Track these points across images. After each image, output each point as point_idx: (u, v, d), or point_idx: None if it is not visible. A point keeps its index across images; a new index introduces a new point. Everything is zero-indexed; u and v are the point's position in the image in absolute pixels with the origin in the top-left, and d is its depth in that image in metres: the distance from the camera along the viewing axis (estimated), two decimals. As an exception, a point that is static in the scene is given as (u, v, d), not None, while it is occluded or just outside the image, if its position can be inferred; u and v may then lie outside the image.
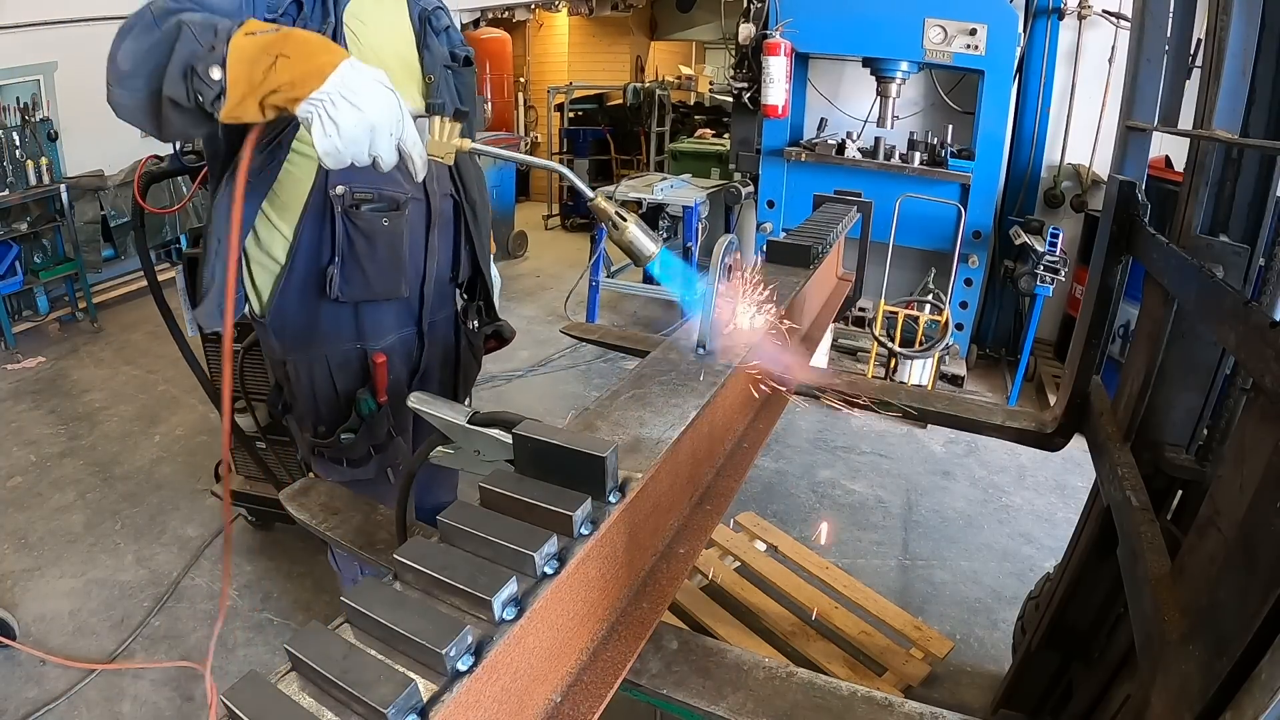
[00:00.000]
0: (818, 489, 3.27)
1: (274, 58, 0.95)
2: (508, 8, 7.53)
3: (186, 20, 0.99)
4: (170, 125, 1.04)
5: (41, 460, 3.38)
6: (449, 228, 1.55)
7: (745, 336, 1.24)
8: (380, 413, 1.51)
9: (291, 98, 0.96)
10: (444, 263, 1.56)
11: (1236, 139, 1.25)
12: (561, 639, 0.71)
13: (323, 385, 1.50)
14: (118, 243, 5.07)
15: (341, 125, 0.96)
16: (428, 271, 1.51)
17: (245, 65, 0.95)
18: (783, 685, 0.81)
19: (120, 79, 1.01)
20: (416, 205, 1.45)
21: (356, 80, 0.97)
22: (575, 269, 5.53)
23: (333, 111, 0.96)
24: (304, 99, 0.96)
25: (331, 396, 1.51)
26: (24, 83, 4.66)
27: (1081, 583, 1.63)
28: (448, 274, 1.59)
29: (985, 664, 2.32)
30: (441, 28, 1.52)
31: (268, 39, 0.97)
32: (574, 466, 0.75)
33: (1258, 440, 0.83)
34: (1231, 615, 0.75)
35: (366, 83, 0.97)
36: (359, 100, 0.96)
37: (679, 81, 8.88)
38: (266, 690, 0.53)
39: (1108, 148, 3.84)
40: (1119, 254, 1.51)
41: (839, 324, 4.15)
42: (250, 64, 0.95)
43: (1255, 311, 0.85)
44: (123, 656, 2.28)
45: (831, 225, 2.02)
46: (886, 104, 4.08)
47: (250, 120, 0.99)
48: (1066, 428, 1.67)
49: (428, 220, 1.48)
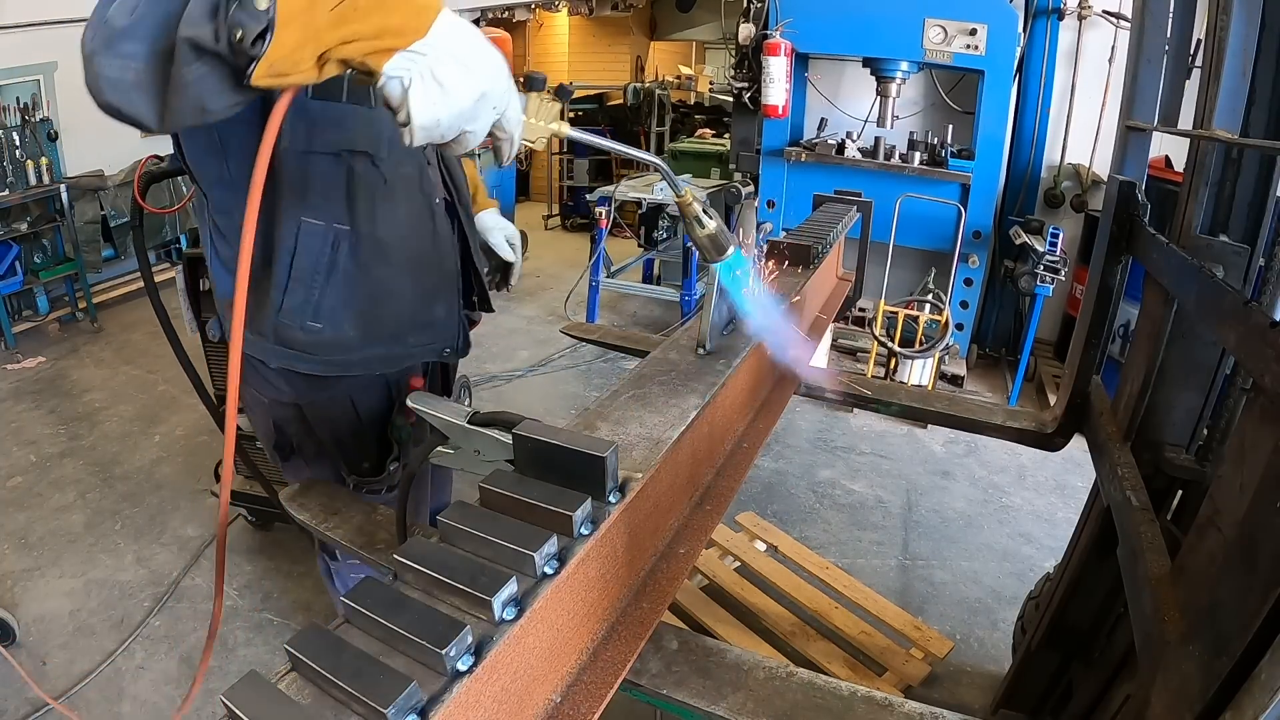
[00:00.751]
0: (818, 489, 3.27)
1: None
2: (508, 8, 7.53)
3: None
4: (179, 97, 0.74)
5: (41, 460, 3.38)
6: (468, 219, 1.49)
7: None
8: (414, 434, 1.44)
9: (382, 48, 0.72)
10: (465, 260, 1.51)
11: (1236, 139, 1.25)
12: (561, 639, 0.71)
13: (345, 418, 1.39)
14: (118, 243, 5.07)
15: (450, 89, 0.75)
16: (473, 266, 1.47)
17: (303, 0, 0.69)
18: (783, 685, 0.81)
19: (111, 40, 0.73)
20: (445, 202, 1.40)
21: (466, 33, 0.76)
22: (575, 269, 5.53)
23: (439, 71, 0.74)
24: (400, 50, 0.73)
25: (355, 426, 1.40)
26: (24, 83, 4.67)
27: (1081, 583, 1.63)
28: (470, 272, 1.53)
29: (985, 664, 2.32)
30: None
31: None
32: (574, 466, 0.75)
33: (1258, 440, 0.83)
34: (1231, 615, 0.75)
35: (476, 37, 0.77)
36: (470, 59, 0.76)
37: (679, 81, 8.88)
38: (266, 690, 0.53)
39: (1108, 148, 3.83)
40: (1119, 254, 1.51)
41: (839, 324, 4.14)
42: None
43: (1255, 311, 0.85)
44: (123, 656, 2.28)
45: (831, 225, 2.02)
46: (886, 104, 4.08)
47: (298, 82, 0.74)
48: (1066, 428, 1.67)
49: (453, 216, 1.42)
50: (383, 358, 1.37)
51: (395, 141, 1.17)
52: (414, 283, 1.34)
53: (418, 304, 1.36)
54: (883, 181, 4.07)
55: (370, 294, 1.29)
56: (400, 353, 1.39)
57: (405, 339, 1.38)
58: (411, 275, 1.33)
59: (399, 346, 1.38)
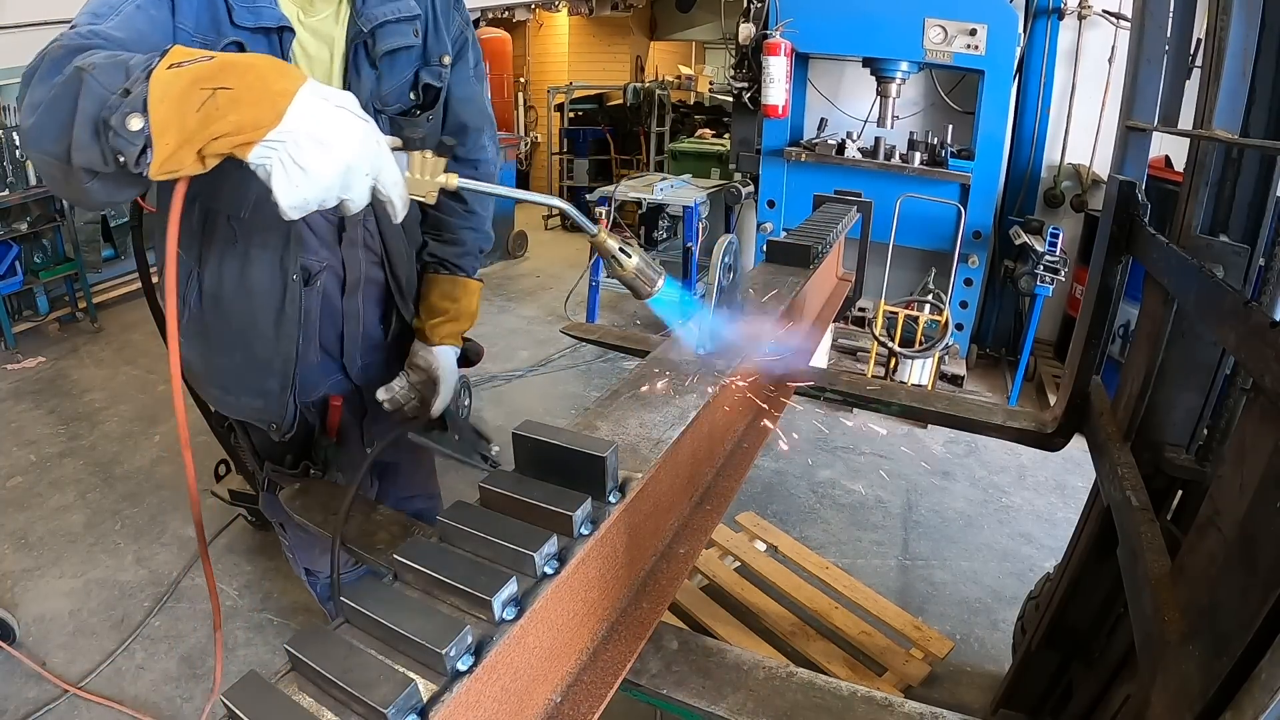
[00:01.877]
0: (818, 489, 3.27)
1: (211, 92, 0.75)
2: (508, 8, 7.52)
3: (86, 64, 0.78)
4: (92, 195, 0.83)
5: (41, 460, 3.38)
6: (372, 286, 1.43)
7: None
8: (340, 449, 1.49)
9: (241, 142, 0.77)
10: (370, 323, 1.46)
11: (1236, 139, 1.25)
12: (561, 639, 0.71)
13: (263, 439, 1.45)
14: (118, 243, 5.07)
15: (310, 171, 0.79)
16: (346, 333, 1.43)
17: (174, 105, 0.75)
18: (783, 685, 0.81)
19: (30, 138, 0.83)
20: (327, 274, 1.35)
21: (321, 111, 0.79)
22: (575, 269, 5.53)
23: (298, 155, 0.78)
24: (258, 142, 0.77)
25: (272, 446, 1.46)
26: (24, 83, 4.67)
27: (1081, 583, 1.63)
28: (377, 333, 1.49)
29: (985, 664, 2.32)
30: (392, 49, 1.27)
31: (199, 69, 0.76)
32: (574, 466, 0.75)
33: (1258, 440, 0.83)
34: (1231, 615, 0.75)
35: (333, 113, 0.80)
36: (329, 136, 0.79)
37: (679, 81, 8.89)
38: (266, 690, 0.53)
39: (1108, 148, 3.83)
40: (1119, 254, 1.51)
41: (839, 324, 4.14)
42: (180, 103, 0.75)
43: (1255, 311, 0.85)
44: (123, 656, 2.28)
45: (831, 225, 2.02)
46: (886, 104, 4.08)
47: (189, 173, 0.80)
48: (1066, 428, 1.67)
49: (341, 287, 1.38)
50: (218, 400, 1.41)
51: (261, 207, 1.16)
52: (244, 349, 1.32)
53: (247, 370, 1.34)
54: (883, 181, 4.07)
55: (206, 339, 1.32)
56: (235, 404, 1.40)
57: (238, 396, 1.38)
58: (243, 340, 1.31)
59: (232, 398, 1.40)
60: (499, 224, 6.66)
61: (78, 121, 0.77)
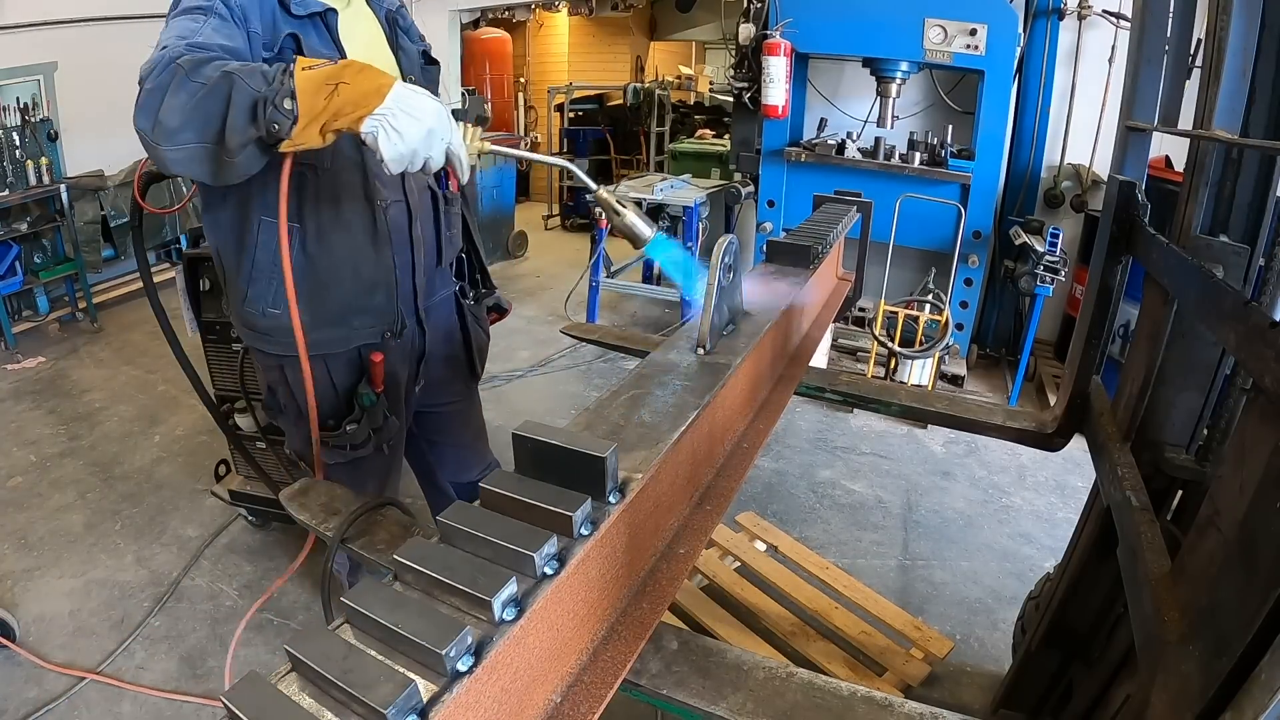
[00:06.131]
0: (818, 489, 3.27)
1: (334, 86, 1.08)
2: (508, 8, 7.53)
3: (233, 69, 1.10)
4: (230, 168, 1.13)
5: (41, 460, 3.38)
6: (429, 218, 1.67)
7: None
8: (379, 401, 1.63)
9: (357, 117, 1.09)
10: (429, 250, 1.67)
11: (1236, 139, 1.24)
12: (561, 639, 0.71)
13: (322, 385, 1.57)
14: (118, 243, 5.07)
15: (404, 134, 1.10)
16: (415, 262, 1.62)
17: (310, 96, 1.08)
18: (783, 685, 0.81)
19: (169, 135, 1.11)
20: (397, 205, 1.56)
21: (410, 95, 1.11)
22: (575, 269, 5.53)
23: (395, 123, 1.10)
24: (369, 115, 1.09)
25: (331, 394, 1.61)
26: (24, 83, 4.66)
27: (1081, 583, 1.63)
28: (434, 260, 1.70)
29: (985, 664, 2.32)
30: (406, 26, 1.62)
31: (329, 70, 1.10)
32: (574, 466, 0.75)
33: (1258, 440, 0.83)
34: (1231, 615, 0.75)
35: (419, 96, 1.12)
36: (416, 111, 1.11)
37: (679, 81, 8.89)
38: (266, 690, 0.53)
39: (1108, 148, 3.84)
40: (1119, 254, 1.51)
41: (839, 324, 4.15)
42: (314, 94, 1.08)
43: (1255, 311, 0.85)
44: (122, 656, 2.28)
45: (831, 225, 2.02)
46: (886, 104, 4.08)
47: (309, 145, 1.12)
48: (1066, 428, 1.67)
49: (409, 216, 1.59)
50: (329, 339, 1.57)
51: (338, 156, 1.44)
52: (353, 273, 1.53)
53: (358, 292, 1.55)
54: (883, 182, 4.07)
55: (316, 277, 1.51)
56: (345, 334, 1.59)
57: (349, 322, 1.58)
58: (350, 265, 1.53)
59: (343, 329, 1.58)
60: (499, 224, 6.66)
61: (233, 110, 1.08)
